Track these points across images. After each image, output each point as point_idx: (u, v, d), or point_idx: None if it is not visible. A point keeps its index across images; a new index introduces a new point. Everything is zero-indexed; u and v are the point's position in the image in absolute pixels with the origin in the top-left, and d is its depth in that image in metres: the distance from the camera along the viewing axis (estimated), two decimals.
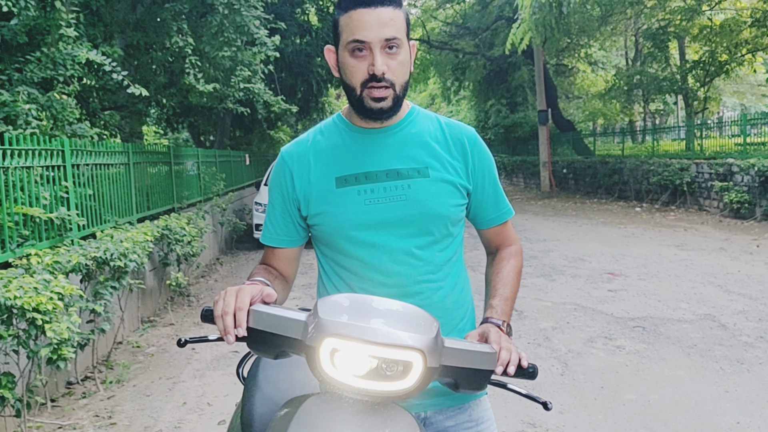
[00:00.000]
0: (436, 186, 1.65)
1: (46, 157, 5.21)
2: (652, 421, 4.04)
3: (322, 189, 1.66)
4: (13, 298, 3.47)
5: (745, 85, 30.52)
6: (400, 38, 1.54)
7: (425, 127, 1.72)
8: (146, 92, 6.74)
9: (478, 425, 1.74)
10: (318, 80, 20.53)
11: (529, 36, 17.59)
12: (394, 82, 1.56)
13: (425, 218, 1.64)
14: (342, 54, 1.58)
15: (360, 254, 1.65)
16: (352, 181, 1.64)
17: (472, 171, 1.72)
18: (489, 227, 1.82)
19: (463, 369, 1.37)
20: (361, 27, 1.51)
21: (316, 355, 1.24)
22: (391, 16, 1.52)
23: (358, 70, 1.55)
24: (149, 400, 4.74)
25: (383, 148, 1.67)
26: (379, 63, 1.52)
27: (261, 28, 9.10)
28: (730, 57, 19.00)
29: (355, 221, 1.63)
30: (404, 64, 1.58)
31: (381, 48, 1.52)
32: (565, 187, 23.20)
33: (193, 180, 10.67)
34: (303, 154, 1.71)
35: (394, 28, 1.53)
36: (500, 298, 1.68)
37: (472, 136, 1.75)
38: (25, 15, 5.60)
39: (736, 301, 6.80)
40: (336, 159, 1.67)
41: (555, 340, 5.71)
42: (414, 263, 1.65)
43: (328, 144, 1.70)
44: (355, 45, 1.53)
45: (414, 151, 1.67)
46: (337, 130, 1.72)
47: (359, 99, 1.58)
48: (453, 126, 1.75)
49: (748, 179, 12.98)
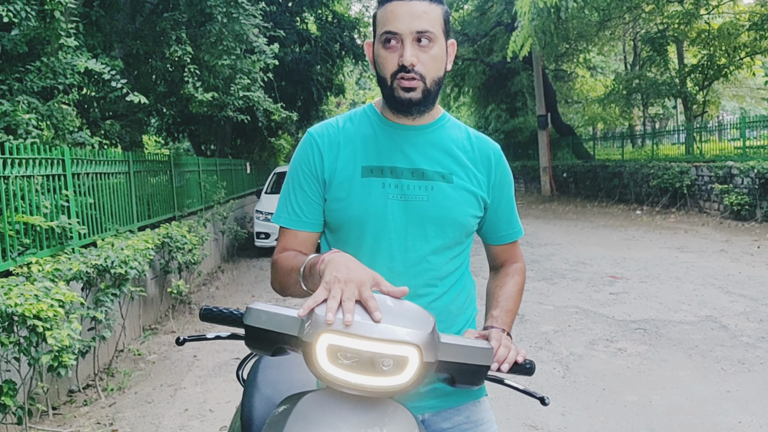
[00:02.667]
0: (458, 193, 1.65)
1: (47, 166, 5.23)
2: (653, 422, 4.04)
3: (347, 175, 1.64)
4: (13, 305, 3.48)
5: (744, 88, 30.50)
6: (433, 32, 1.54)
7: (454, 135, 1.72)
8: (146, 100, 6.76)
9: (477, 427, 1.73)
10: (318, 88, 20.59)
11: (530, 42, 17.61)
12: (424, 75, 1.56)
13: (443, 223, 1.64)
14: (377, 47, 1.59)
15: (373, 247, 1.64)
16: (378, 173, 1.63)
17: (493, 186, 1.72)
18: (499, 244, 1.83)
19: (460, 364, 1.37)
20: (393, 18, 1.53)
21: (312, 351, 1.24)
22: (425, 10, 1.53)
23: (389, 61, 1.56)
24: (151, 407, 4.74)
25: (412, 146, 1.66)
26: (408, 54, 1.52)
27: (260, 36, 9.14)
28: (729, 60, 19.01)
29: (374, 213, 1.62)
30: (437, 59, 1.57)
31: (412, 40, 1.53)
32: (565, 192, 23.20)
33: (194, 188, 10.68)
34: (333, 136, 1.69)
35: (426, 21, 1.53)
36: (501, 310, 1.68)
37: (497, 152, 1.75)
38: (25, 25, 5.64)
39: (737, 302, 6.79)
40: (364, 148, 1.66)
41: (556, 344, 5.71)
42: (424, 266, 1.65)
43: (358, 132, 1.69)
44: (386, 36, 1.54)
45: (441, 155, 1.67)
46: (368, 120, 1.71)
47: (390, 89, 1.59)
48: (481, 139, 1.75)
49: (748, 181, 12.98)
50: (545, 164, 22.88)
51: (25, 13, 5.56)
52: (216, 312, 1.47)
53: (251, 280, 9.97)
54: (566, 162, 24.32)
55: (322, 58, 19.92)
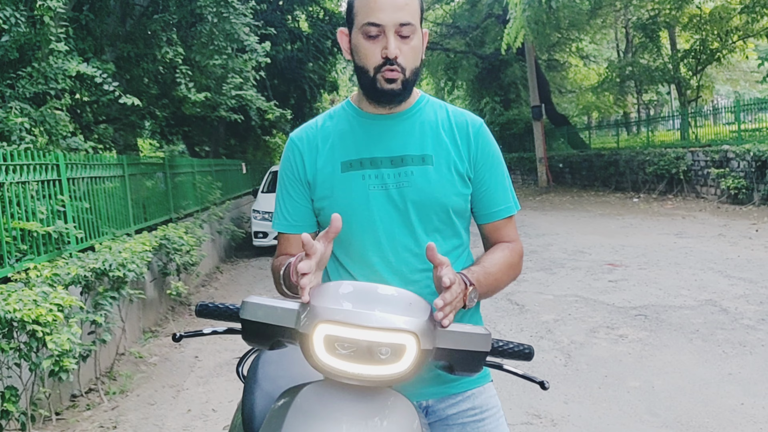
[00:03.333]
0: (439, 174, 1.64)
1: (41, 171, 5.21)
2: (656, 406, 4.04)
3: (327, 173, 1.66)
4: (12, 311, 3.47)
5: (738, 72, 30.51)
6: (414, 24, 1.55)
7: (433, 115, 1.71)
8: (138, 102, 6.76)
9: (482, 413, 1.71)
10: (311, 86, 20.58)
11: (523, 34, 17.60)
12: (405, 66, 1.56)
13: (426, 206, 1.63)
14: (355, 36, 1.58)
15: (361, 240, 1.64)
16: (357, 166, 1.64)
17: (475, 158, 1.69)
18: (488, 222, 1.74)
19: (458, 351, 1.37)
20: (377, 9, 1.51)
21: (309, 342, 1.24)
22: (407, 1, 1.53)
23: (372, 52, 1.55)
24: (154, 409, 4.74)
25: (390, 135, 1.66)
26: (392, 47, 1.52)
27: (251, 35, 9.12)
28: (722, 44, 19.05)
29: (358, 207, 1.62)
30: (416, 50, 1.58)
31: (395, 32, 1.52)
32: (562, 182, 23.21)
33: (190, 190, 10.67)
34: (312, 138, 1.71)
35: (408, 12, 1.53)
36: (480, 267, 1.60)
37: (477, 125, 1.72)
38: (15, 31, 5.62)
39: (736, 285, 6.80)
40: (343, 144, 1.67)
41: (557, 332, 5.71)
42: (415, 251, 1.63)
43: (336, 129, 1.70)
44: (369, 28, 1.53)
45: (420, 139, 1.66)
46: (345, 115, 1.72)
47: (372, 81, 1.58)
48: (459, 114, 1.73)
49: (744, 165, 12.99)
50: (541, 155, 22.87)
51: (15, 19, 5.55)
52: (212, 307, 1.47)
53: (250, 279, 9.97)
54: (562, 152, 24.35)
55: (314, 55, 19.91)
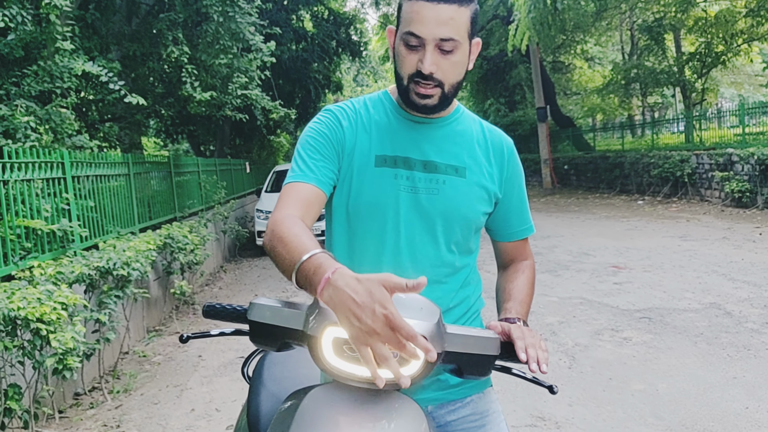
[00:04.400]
0: (470, 188, 1.63)
1: (46, 169, 5.22)
2: (660, 409, 4.03)
3: (360, 162, 1.61)
4: (16, 309, 3.48)
5: (743, 75, 30.48)
6: (458, 39, 1.47)
7: (468, 128, 1.69)
8: (143, 101, 6.76)
9: (483, 418, 1.70)
10: (315, 86, 20.60)
11: (528, 35, 17.58)
12: (443, 81, 1.51)
13: (451, 218, 1.61)
14: (397, 41, 1.53)
15: (380, 240, 1.60)
16: (391, 163, 1.60)
17: (505, 180, 1.69)
18: (508, 240, 1.79)
19: (467, 355, 1.36)
20: (418, 20, 1.46)
21: (317, 344, 1.23)
22: (452, 15, 1.45)
23: (408, 61, 1.51)
24: (157, 408, 4.73)
25: (426, 138, 1.63)
26: (428, 62, 1.47)
27: (256, 34, 9.12)
28: (726, 47, 19.00)
29: (385, 205, 1.59)
30: (458, 65, 1.52)
31: (434, 46, 1.46)
32: (566, 184, 23.19)
33: (194, 189, 10.68)
34: (353, 116, 1.66)
35: (452, 28, 1.46)
36: (515, 301, 1.64)
37: (510, 146, 1.72)
38: (21, 30, 5.62)
39: (741, 288, 6.78)
40: (379, 135, 1.63)
41: (562, 335, 5.70)
42: (432, 262, 1.62)
43: (374, 119, 1.66)
44: (409, 37, 1.48)
45: (454, 149, 1.64)
46: (383, 108, 1.68)
47: (405, 90, 1.55)
48: (494, 132, 1.73)
49: (749, 168, 12.95)
50: (545, 157, 22.84)
51: (21, 17, 5.55)
52: (219, 308, 1.46)
53: (254, 279, 9.97)
54: (566, 154, 24.32)
55: (319, 55, 19.91)
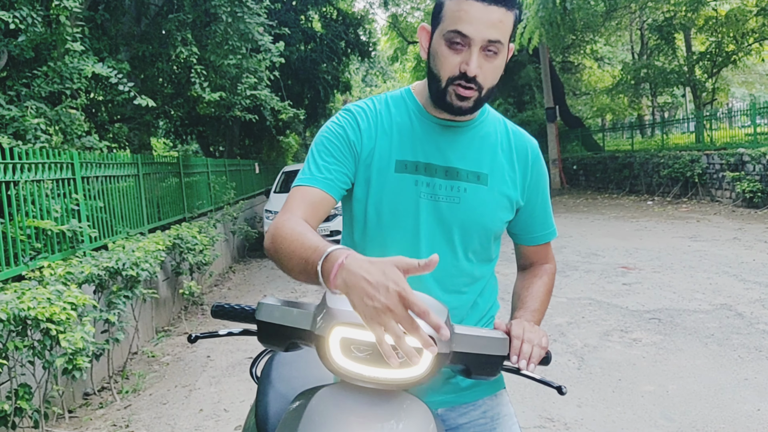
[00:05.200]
0: (492, 197, 1.58)
1: (56, 170, 5.24)
2: (671, 411, 4.00)
3: (380, 166, 1.56)
4: (26, 309, 3.49)
5: (754, 74, 30.34)
6: (503, 43, 1.45)
7: (493, 131, 1.64)
8: (153, 103, 6.78)
9: (494, 421, 1.67)
10: (324, 86, 20.61)
11: (537, 35, 17.54)
12: (483, 85, 1.47)
13: (471, 228, 1.58)
14: (437, 40, 1.47)
15: (400, 247, 1.54)
16: (412, 169, 1.55)
17: (528, 186, 1.65)
18: (531, 245, 1.75)
19: (475, 355, 1.36)
20: (468, 20, 1.40)
21: (325, 344, 1.23)
22: (501, 18, 1.41)
23: (450, 62, 1.45)
24: (166, 408, 4.74)
25: (449, 143, 1.58)
26: (474, 64, 1.42)
27: (265, 34, 9.14)
28: (737, 47, 18.91)
29: (405, 212, 1.55)
30: (498, 69, 1.49)
31: (481, 48, 1.42)
32: (575, 184, 23.12)
33: (204, 189, 10.71)
34: (373, 117, 1.60)
35: (500, 31, 1.42)
36: (527, 310, 1.60)
37: (535, 150, 1.68)
38: (32, 31, 5.65)
39: (752, 289, 6.74)
40: (401, 139, 1.57)
41: (571, 335, 5.67)
42: (451, 272, 1.59)
43: (395, 121, 1.60)
44: (454, 36, 1.42)
45: (478, 154, 1.59)
46: (406, 108, 1.62)
47: (442, 92, 1.48)
48: (519, 135, 1.67)
49: (760, 168, 12.88)
50: (555, 157, 22.79)
51: (32, 19, 5.58)
52: (228, 308, 1.46)
53: (263, 279, 9.98)
54: (576, 154, 24.25)
55: (328, 56, 19.93)
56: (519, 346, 1.39)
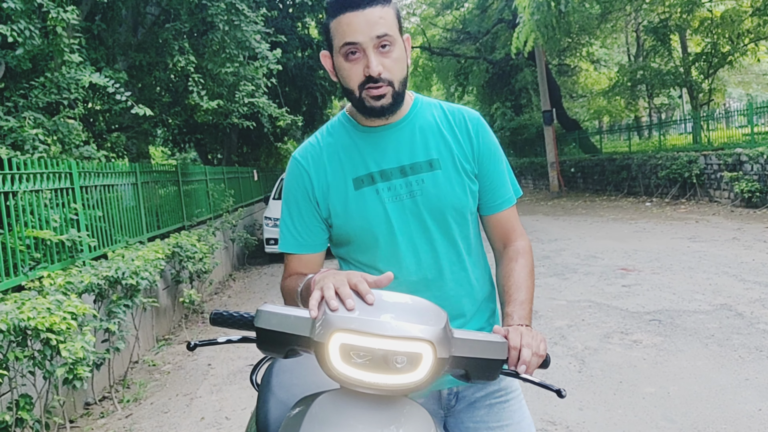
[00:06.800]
0: (448, 177, 1.66)
1: (55, 180, 5.25)
2: (672, 412, 4.01)
3: (340, 191, 1.66)
4: (26, 319, 3.49)
5: (750, 74, 30.39)
6: (392, 35, 1.53)
7: (430, 117, 1.71)
8: (150, 112, 6.78)
9: (507, 394, 1.79)
10: (322, 92, 20.60)
11: (533, 38, 17.57)
12: (391, 80, 1.55)
13: (443, 210, 1.65)
14: (337, 58, 1.57)
15: (385, 253, 1.66)
16: (369, 181, 1.65)
17: (478, 155, 1.71)
18: (495, 212, 1.77)
19: (474, 359, 1.36)
20: (351, 30, 1.50)
21: (325, 350, 1.23)
22: (380, 14, 1.51)
23: (354, 72, 1.54)
24: (167, 417, 4.74)
25: (393, 145, 1.66)
26: (374, 64, 1.51)
27: (262, 42, 9.15)
28: (733, 47, 18.92)
29: (377, 221, 1.64)
30: (400, 61, 1.56)
31: (374, 48, 1.51)
32: (573, 187, 23.13)
33: (202, 197, 10.71)
34: (316, 155, 1.70)
35: (384, 25, 1.51)
36: (515, 304, 1.63)
37: (475, 119, 1.74)
38: (29, 44, 5.66)
39: (751, 289, 6.74)
40: (349, 159, 1.67)
41: (571, 338, 5.68)
42: (435, 256, 1.67)
43: (338, 144, 1.69)
44: (347, 48, 1.52)
45: (423, 144, 1.67)
46: (344, 129, 1.71)
47: (360, 100, 1.57)
48: (456, 111, 1.74)
49: (758, 168, 12.89)
50: (552, 160, 22.79)
51: (29, 32, 5.59)
52: (226, 316, 1.47)
53: (263, 287, 9.98)
54: (573, 157, 24.25)
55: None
56: (516, 355, 1.43)
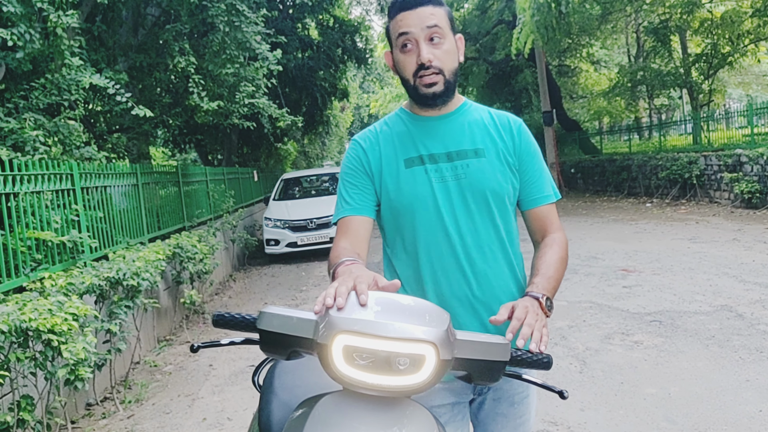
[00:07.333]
0: (491, 165, 1.84)
1: (56, 181, 5.25)
2: (673, 413, 4.01)
3: (392, 169, 1.85)
4: (28, 320, 3.49)
5: (750, 75, 30.33)
6: (442, 28, 1.74)
7: (478, 116, 1.92)
8: (150, 113, 6.78)
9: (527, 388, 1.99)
10: (322, 93, 20.61)
11: (532, 39, 17.57)
12: (442, 68, 1.76)
13: (483, 194, 1.82)
14: (395, 54, 1.80)
15: (425, 225, 1.82)
16: (418, 162, 1.84)
17: (519, 151, 1.89)
18: (533, 207, 1.93)
19: (477, 361, 1.36)
20: (405, 24, 1.74)
21: (328, 352, 1.24)
22: (431, 12, 1.73)
23: (408, 62, 1.76)
24: (169, 418, 4.74)
25: (443, 133, 1.86)
26: (424, 52, 1.72)
27: (262, 43, 9.15)
28: (733, 48, 18.92)
29: (423, 197, 1.81)
30: (450, 53, 1.77)
31: (425, 38, 1.73)
32: (574, 187, 23.13)
33: (203, 198, 10.71)
34: (373, 139, 1.92)
35: (434, 19, 1.73)
36: (541, 276, 1.75)
37: (518, 123, 1.94)
38: (29, 47, 5.66)
39: (752, 290, 6.74)
40: (402, 143, 1.87)
41: (572, 339, 5.68)
42: (473, 234, 1.82)
43: (393, 132, 1.91)
44: (402, 39, 1.75)
45: (471, 135, 1.87)
46: (400, 119, 1.93)
47: (414, 88, 1.79)
48: (501, 115, 1.95)
49: (758, 169, 12.89)
50: (552, 160, 22.76)
51: (29, 35, 5.59)
52: (229, 317, 1.47)
53: (263, 287, 9.98)
54: (573, 158, 24.25)
55: (325, 63, 19.94)
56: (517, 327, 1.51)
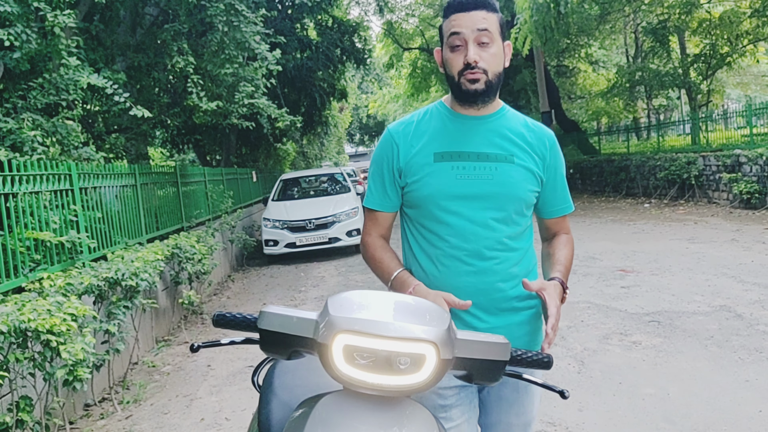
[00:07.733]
0: (518, 172, 1.93)
1: (54, 181, 5.25)
2: (672, 414, 4.01)
3: (421, 161, 1.93)
4: (27, 321, 3.49)
5: (749, 75, 30.34)
6: (492, 32, 1.83)
7: (514, 123, 2.00)
8: (149, 113, 6.78)
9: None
10: (321, 94, 20.58)
11: (531, 39, 17.56)
12: (487, 69, 1.85)
13: (505, 197, 1.91)
14: (445, 51, 1.89)
15: (445, 218, 1.91)
16: (447, 158, 1.91)
17: (548, 166, 2.01)
18: (551, 217, 2.12)
19: (477, 360, 1.36)
20: (457, 24, 1.83)
21: (328, 352, 1.23)
22: (484, 16, 1.82)
23: (456, 61, 1.86)
24: (167, 418, 4.74)
25: (477, 133, 1.94)
26: (472, 52, 1.81)
27: (261, 43, 9.14)
28: (732, 49, 18.93)
29: (445, 190, 1.89)
30: (496, 56, 1.87)
31: (474, 40, 1.82)
32: (572, 187, 22.84)
33: (201, 198, 10.70)
34: (407, 131, 2.00)
35: (485, 23, 1.82)
36: (561, 265, 1.97)
37: (552, 138, 2.04)
38: (26, 47, 5.65)
39: (751, 290, 6.74)
40: (435, 138, 1.95)
41: (570, 339, 5.68)
42: (489, 233, 1.91)
43: (430, 125, 1.99)
44: (453, 38, 1.84)
45: (502, 141, 1.95)
46: (438, 114, 2.01)
47: (458, 84, 1.88)
48: (537, 126, 2.04)
49: (757, 169, 12.89)
50: None
51: (26, 35, 5.58)
52: (229, 317, 1.47)
53: (262, 288, 9.98)
54: (572, 158, 24.21)
55: (324, 63, 19.92)
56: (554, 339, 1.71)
